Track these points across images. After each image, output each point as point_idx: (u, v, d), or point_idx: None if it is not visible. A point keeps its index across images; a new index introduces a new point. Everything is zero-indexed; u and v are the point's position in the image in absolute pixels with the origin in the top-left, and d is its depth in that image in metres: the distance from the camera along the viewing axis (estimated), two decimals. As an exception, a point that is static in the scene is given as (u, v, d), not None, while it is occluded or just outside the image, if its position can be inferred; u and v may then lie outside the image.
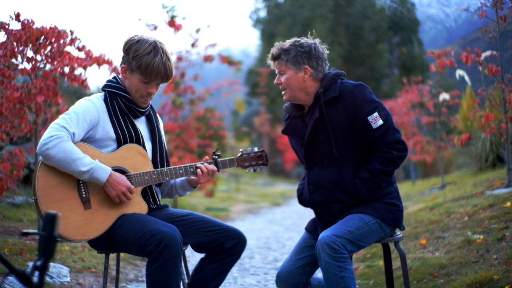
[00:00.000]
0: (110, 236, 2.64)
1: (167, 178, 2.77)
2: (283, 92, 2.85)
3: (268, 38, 31.65)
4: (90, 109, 2.65)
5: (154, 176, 2.74)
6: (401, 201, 2.80)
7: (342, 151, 2.71)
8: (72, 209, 2.56)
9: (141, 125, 2.84)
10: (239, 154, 2.98)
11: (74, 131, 2.56)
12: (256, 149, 3.00)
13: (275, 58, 2.83)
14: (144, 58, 2.66)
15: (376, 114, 2.66)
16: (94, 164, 2.54)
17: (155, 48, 2.69)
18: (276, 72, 2.85)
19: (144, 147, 2.77)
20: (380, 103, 2.70)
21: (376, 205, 2.70)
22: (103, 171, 2.56)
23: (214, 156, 2.92)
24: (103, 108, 2.71)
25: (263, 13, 34.66)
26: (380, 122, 2.66)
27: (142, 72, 2.68)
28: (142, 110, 2.81)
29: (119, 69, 2.80)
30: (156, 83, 2.75)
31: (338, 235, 2.55)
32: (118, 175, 2.60)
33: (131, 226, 2.57)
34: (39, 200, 2.52)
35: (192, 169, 2.83)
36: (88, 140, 2.66)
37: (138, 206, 2.70)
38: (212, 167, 2.86)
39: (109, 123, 2.69)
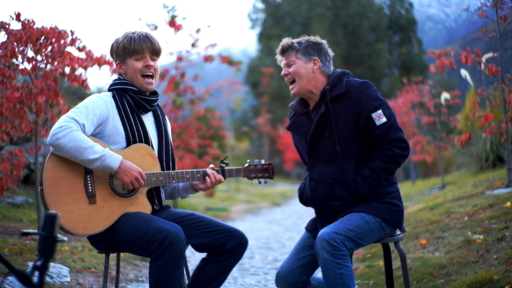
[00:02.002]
0: (112, 234, 2.64)
1: (174, 181, 2.78)
2: (291, 86, 2.85)
3: (266, 39, 31.66)
4: (100, 104, 2.69)
5: (161, 178, 2.74)
6: (402, 201, 2.80)
7: (345, 148, 2.72)
8: (77, 202, 2.56)
9: (148, 122, 2.86)
10: (246, 165, 3.00)
11: (83, 122, 2.58)
12: (263, 162, 3.03)
13: (285, 49, 2.86)
14: (124, 41, 2.79)
15: (380, 111, 2.69)
16: (105, 151, 2.55)
17: (131, 32, 2.83)
18: (283, 65, 2.88)
19: (151, 144, 2.78)
20: (385, 101, 2.74)
21: (376, 204, 2.71)
22: (115, 158, 2.57)
23: (221, 165, 2.93)
24: (113, 105, 2.74)
25: (261, 15, 34.63)
26: (384, 119, 2.69)
27: (129, 51, 2.77)
28: (151, 99, 2.82)
29: (118, 70, 2.86)
30: (149, 56, 2.79)
31: (338, 232, 2.55)
32: (129, 162, 2.62)
33: (135, 224, 2.58)
34: (45, 191, 2.52)
35: (199, 175, 2.84)
36: (98, 135, 2.68)
37: (142, 206, 2.70)
38: (220, 177, 2.88)
39: (118, 120, 2.72)
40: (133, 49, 2.76)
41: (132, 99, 2.78)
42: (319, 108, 2.78)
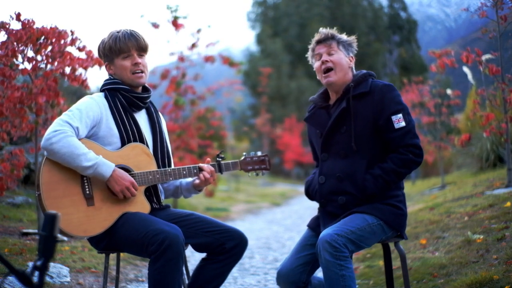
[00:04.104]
0: (112, 234, 2.64)
1: (171, 178, 2.78)
2: (327, 74, 2.84)
3: (265, 39, 31.66)
4: (93, 106, 2.69)
5: (157, 176, 2.75)
6: (406, 207, 2.81)
7: (360, 146, 2.74)
8: (75, 205, 2.56)
9: (142, 120, 2.86)
10: (242, 158, 3.00)
11: (77, 125, 2.58)
12: (259, 153, 3.03)
13: (328, 38, 2.88)
14: (110, 41, 2.79)
15: (400, 115, 2.72)
16: (98, 159, 2.55)
17: (116, 31, 2.82)
18: (323, 52, 2.86)
19: (145, 142, 2.78)
20: (406, 107, 2.77)
21: (380, 206, 2.71)
22: (107, 166, 2.57)
23: (217, 159, 2.94)
24: (105, 105, 2.74)
25: (260, 15, 34.60)
26: (403, 124, 2.71)
27: (115, 51, 2.77)
28: (143, 96, 2.83)
29: (107, 71, 2.87)
30: (136, 54, 2.79)
31: (340, 234, 2.55)
32: (121, 171, 2.62)
33: (134, 225, 2.57)
34: (42, 195, 2.52)
35: (195, 170, 2.84)
36: (92, 137, 2.68)
37: (141, 205, 2.70)
38: (213, 168, 2.88)
39: (112, 120, 2.72)
40: (119, 48, 2.76)
41: (124, 98, 2.78)
42: (340, 104, 2.81)
